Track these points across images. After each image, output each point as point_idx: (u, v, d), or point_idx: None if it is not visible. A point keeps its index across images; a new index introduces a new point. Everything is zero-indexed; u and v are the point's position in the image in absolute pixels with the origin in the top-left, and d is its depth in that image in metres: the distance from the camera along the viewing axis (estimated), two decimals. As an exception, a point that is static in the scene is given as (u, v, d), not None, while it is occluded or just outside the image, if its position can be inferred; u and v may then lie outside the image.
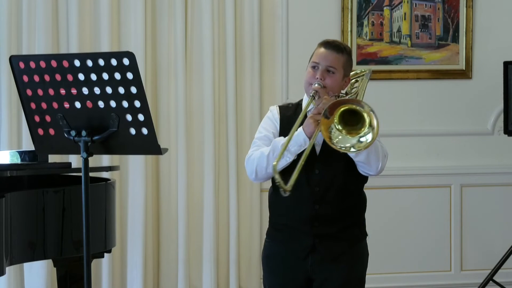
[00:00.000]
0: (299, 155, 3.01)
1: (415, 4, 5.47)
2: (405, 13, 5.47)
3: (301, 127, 3.03)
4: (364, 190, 3.29)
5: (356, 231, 3.22)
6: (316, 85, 3.08)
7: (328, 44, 3.16)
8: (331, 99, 3.03)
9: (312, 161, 3.07)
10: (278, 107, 3.25)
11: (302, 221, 3.13)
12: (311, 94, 3.06)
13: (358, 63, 5.28)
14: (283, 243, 3.19)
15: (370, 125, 2.93)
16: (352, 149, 2.94)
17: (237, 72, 5.21)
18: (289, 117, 3.17)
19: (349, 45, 5.29)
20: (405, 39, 5.48)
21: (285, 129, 3.15)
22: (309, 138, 3.01)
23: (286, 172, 2.98)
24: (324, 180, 3.07)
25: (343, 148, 2.94)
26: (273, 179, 3.12)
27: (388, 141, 5.39)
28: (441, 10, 5.49)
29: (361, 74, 3.37)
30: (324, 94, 3.06)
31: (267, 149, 3.11)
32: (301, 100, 3.23)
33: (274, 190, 3.18)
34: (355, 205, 3.20)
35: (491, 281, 5.14)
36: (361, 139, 2.94)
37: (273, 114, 3.23)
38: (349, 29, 5.36)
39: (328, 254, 3.14)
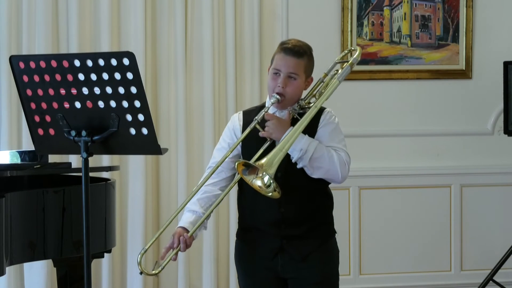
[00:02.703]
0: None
1: (415, 4, 5.47)
2: (405, 13, 5.47)
3: None
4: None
5: (324, 230, 3.22)
6: (272, 101, 3.07)
7: (288, 50, 3.13)
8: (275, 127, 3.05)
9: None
10: (241, 113, 3.25)
11: (269, 224, 3.14)
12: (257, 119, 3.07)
13: (358, 63, 5.26)
14: (252, 244, 3.20)
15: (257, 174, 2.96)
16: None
17: (237, 72, 5.22)
18: (251, 122, 3.13)
19: (349, 45, 5.29)
20: (405, 39, 5.48)
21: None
22: None
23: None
24: (287, 183, 3.04)
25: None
26: (239, 183, 3.15)
27: (388, 141, 5.44)
28: (441, 10, 5.49)
29: (345, 62, 3.30)
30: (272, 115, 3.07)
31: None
32: (264, 103, 3.22)
33: (241, 193, 3.20)
34: (321, 205, 3.18)
35: (491, 281, 5.14)
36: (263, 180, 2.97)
37: (233, 123, 3.23)
38: (349, 29, 5.36)
39: (297, 254, 3.14)
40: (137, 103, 2.82)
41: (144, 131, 2.85)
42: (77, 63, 2.84)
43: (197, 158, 5.19)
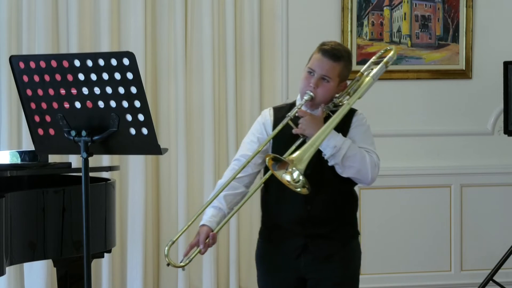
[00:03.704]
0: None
1: (415, 4, 5.47)
2: (405, 13, 5.47)
3: None
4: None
5: (348, 231, 3.22)
6: (305, 98, 3.08)
7: (326, 52, 3.12)
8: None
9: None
10: (272, 109, 3.24)
11: (294, 222, 3.13)
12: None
13: (358, 63, 5.27)
14: (275, 243, 3.19)
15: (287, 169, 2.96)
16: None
17: (237, 72, 5.21)
18: (282, 118, 3.15)
19: (349, 45, 5.29)
20: (405, 39, 5.48)
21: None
22: None
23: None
24: (315, 181, 3.03)
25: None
26: (265, 184, 3.14)
27: (388, 141, 5.43)
28: (441, 10, 5.49)
29: (379, 62, 3.30)
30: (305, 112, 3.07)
31: (224, 179, 3.14)
32: (295, 100, 3.22)
33: (266, 191, 3.20)
34: (346, 205, 3.19)
35: (491, 281, 5.14)
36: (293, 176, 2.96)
37: (263, 118, 3.22)
38: (349, 29, 5.36)
39: (320, 253, 3.14)
40: (137, 103, 2.82)
41: (144, 131, 2.85)
42: (77, 63, 2.84)
43: (197, 158, 5.19)
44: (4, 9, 4.95)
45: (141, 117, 2.83)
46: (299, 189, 2.94)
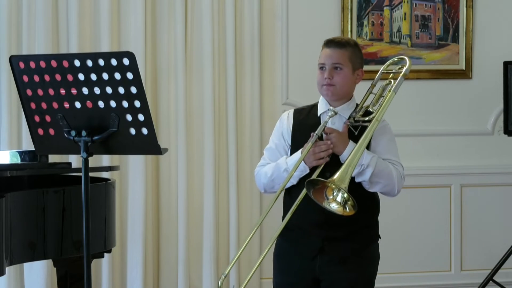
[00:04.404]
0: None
1: (415, 4, 5.47)
2: (405, 13, 5.47)
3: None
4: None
5: (367, 234, 3.22)
6: (328, 114, 3.09)
7: (330, 43, 3.18)
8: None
9: (324, 164, 3.08)
10: (292, 112, 3.27)
11: (313, 224, 3.14)
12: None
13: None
14: (293, 243, 3.20)
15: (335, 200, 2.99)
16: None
17: (237, 72, 5.21)
18: (301, 120, 3.20)
19: (349, 45, 5.29)
20: (405, 39, 5.48)
21: (298, 132, 3.19)
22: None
23: (302, 179, 3.07)
24: None
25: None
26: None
27: (388, 141, 5.43)
28: (441, 10, 5.49)
29: (395, 72, 3.32)
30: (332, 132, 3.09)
31: (271, 169, 3.17)
32: (317, 102, 3.24)
33: (288, 194, 3.21)
34: (367, 209, 3.16)
35: (491, 281, 5.14)
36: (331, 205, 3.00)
37: (281, 124, 3.25)
38: (349, 29, 5.36)
39: (337, 256, 3.14)
40: (137, 103, 2.82)
41: (144, 131, 2.85)
42: (77, 63, 2.84)
43: (197, 158, 5.19)
44: (4, 9, 4.95)
45: (141, 117, 2.83)
46: (348, 210, 2.96)
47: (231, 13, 5.16)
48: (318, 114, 3.19)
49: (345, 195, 2.93)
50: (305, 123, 3.19)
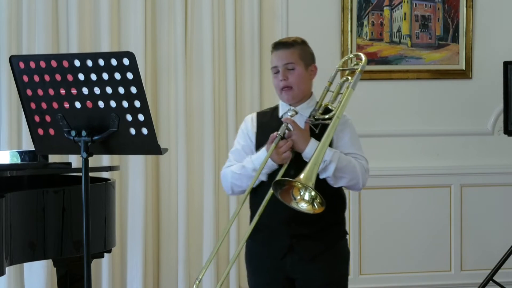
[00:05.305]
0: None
1: (415, 4, 5.47)
2: (405, 13, 5.47)
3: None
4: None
5: (335, 231, 3.23)
6: (289, 114, 3.12)
7: (278, 45, 3.22)
8: (300, 132, 3.09)
9: (288, 162, 3.10)
10: (255, 115, 3.31)
11: (280, 222, 3.15)
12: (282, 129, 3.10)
13: (357, 64, 5.27)
14: (263, 243, 3.21)
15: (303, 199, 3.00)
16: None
17: (237, 72, 5.22)
18: (266, 123, 3.23)
19: (349, 45, 5.29)
20: (405, 39, 5.48)
21: (262, 135, 3.20)
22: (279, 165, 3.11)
23: (270, 175, 3.10)
24: None
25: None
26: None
27: (388, 141, 5.44)
28: (441, 10, 5.49)
29: (351, 69, 3.35)
30: (295, 125, 3.10)
31: (239, 168, 3.19)
32: (278, 105, 3.27)
33: (254, 192, 3.20)
34: (333, 206, 3.16)
35: (491, 281, 5.14)
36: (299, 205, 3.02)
37: (246, 126, 3.29)
38: (349, 29, 5.36)
39: (306, 254, 3.15)
40: (137, 103, 2.82)
41: (144, 131, 2.85)
42: (77, 63, 2.84)
43: (197, 158, 5.19)
44: (4, 9, 4.95)
45: (141, 117, 2.83)
46: (317, 207, 2.96)
47: (231, 13, 5.16)
48: (280, 116, 3.22)
49: (313, 193, 2.94)
50: (268, 125, 3.21)
